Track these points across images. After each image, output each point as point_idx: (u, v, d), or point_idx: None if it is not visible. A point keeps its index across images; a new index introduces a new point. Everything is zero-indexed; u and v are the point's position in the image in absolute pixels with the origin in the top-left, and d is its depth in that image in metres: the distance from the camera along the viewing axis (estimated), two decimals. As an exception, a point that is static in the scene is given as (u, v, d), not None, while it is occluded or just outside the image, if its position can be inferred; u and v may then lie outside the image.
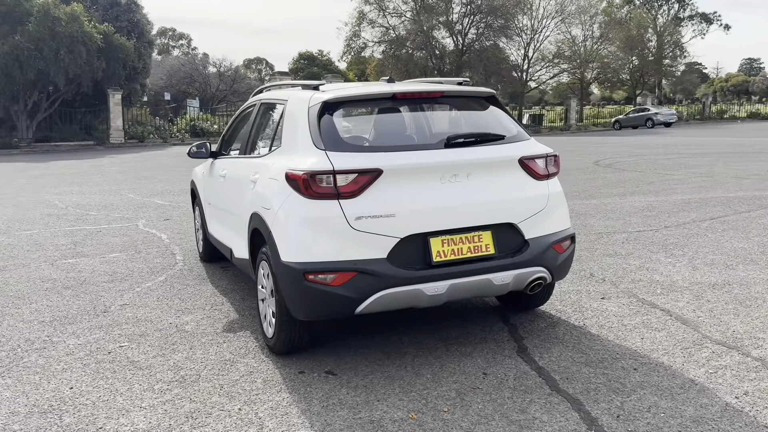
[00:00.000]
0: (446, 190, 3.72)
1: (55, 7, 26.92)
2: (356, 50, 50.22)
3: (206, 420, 3.22)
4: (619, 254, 6.41)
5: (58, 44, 26.49)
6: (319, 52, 70.44)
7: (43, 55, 26.28)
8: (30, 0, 27.04)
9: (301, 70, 65.07)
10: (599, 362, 3.79)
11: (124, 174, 16.98)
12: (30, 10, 26.67)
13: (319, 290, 3.51)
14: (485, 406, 3.29)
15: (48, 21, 26.48)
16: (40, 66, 26.37)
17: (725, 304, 4.78)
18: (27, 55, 25.95)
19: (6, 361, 4.06)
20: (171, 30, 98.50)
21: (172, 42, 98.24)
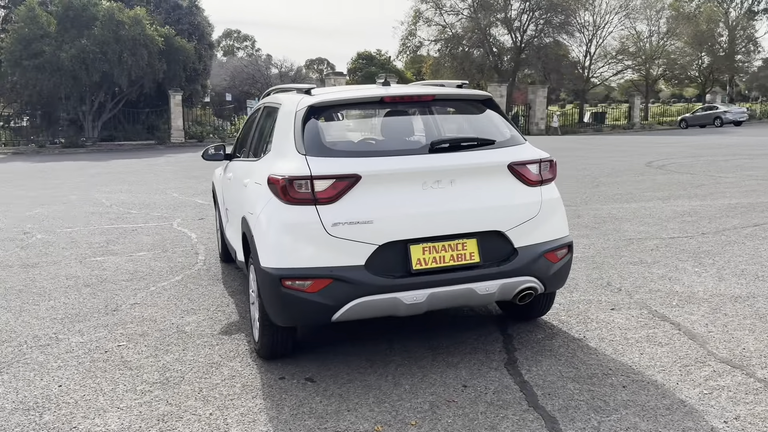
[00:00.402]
0: (428, 196, 3.63)
1: (119, 12, 27.98)
2: (412, 49, 50.14)
3: (176, 424, 3.25)
4: (645, 262, 6.13)
5: (121, 47, 27.52)
6: (378, 52, 70.63)
7: (108, 58, 27.37)
8: (96, 5, 28.19)
9: (360, 70, 65.42)
10: (588, 378, 3.63)
11: (175, 173, 17.47)
12: (96, 14, 27.81)
13: (296, 296, 3.49)
14: (455, 420, 3.19)
15: (112, 25, 27.55)
16: (104, 68, 27.47)
17: (743, 318, 4.50)
18: (92, 57, 27.08)
19: (9, 357, 4.22)
20: (236, 32, 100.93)
21: (236, 44, 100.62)
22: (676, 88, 74.83)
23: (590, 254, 6.52)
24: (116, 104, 30.90)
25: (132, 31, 27.76)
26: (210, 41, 36.01)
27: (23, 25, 27.46)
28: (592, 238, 7.28)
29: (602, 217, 8.60)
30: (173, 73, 30.71)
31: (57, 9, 28.00)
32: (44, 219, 9.90)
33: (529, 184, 3.88)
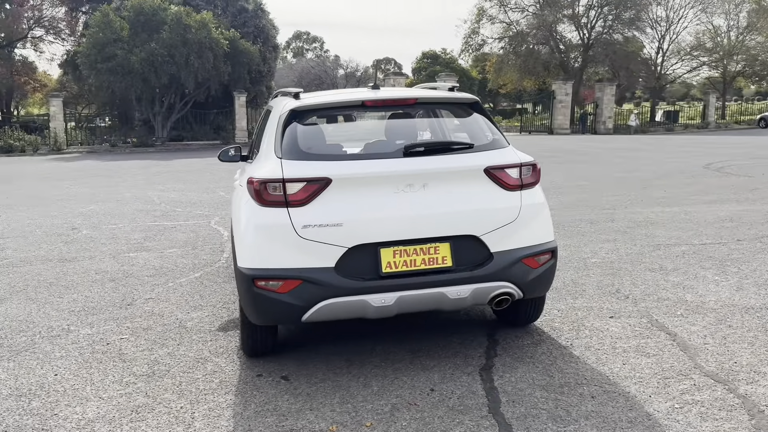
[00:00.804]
0: (400, 200, 3.65)
1: (186, 16, 29.03)
2: (474, 47, 49.68)
3: (146, 415, 3.41)
4: (664, 269, 5.92)
5: (188, 50, 28.56)
6: (443, 51, 70.34)
7: (175, 61, 28.45)
8: (165, 10, 29.35)
9: (424, 69, 65.36)
10: (560, 387, 3.56)
11: (230, 173, 17.96)
12: (165, 19, 28.96)
13: (267, 297, 3.59)
14: (410, 423, 3.21)
15: (180, 29, 28.62)
16: (172, 71, 28.57)
17: (747, 330, 4.30)
18: (161, 60, 28.22)
19: (21, 345, 4.51)
20: (305, 33, 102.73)
21: (306, 45, 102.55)
22: (758, 85, 71.03)
23: (610, 260, 6.34)
24: (184, 105, 32.09)
25: (198, 34, 28.76)
26: (275, 43, 36.81)
27: (98, 30, 28.92)
28: (618, 243, 7.08)
29: (637, 222, 8.33)
30: (238, 75, 31.62)
31: (129, 14, 29.33)
32: (95, 215, 10.43)
33: (507, 189, 3.84)
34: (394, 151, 3.83)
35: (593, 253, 6.68)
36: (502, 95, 66.28)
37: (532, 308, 4.35)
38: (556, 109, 39.96)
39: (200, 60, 28.98)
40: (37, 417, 3.42)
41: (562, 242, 7.16)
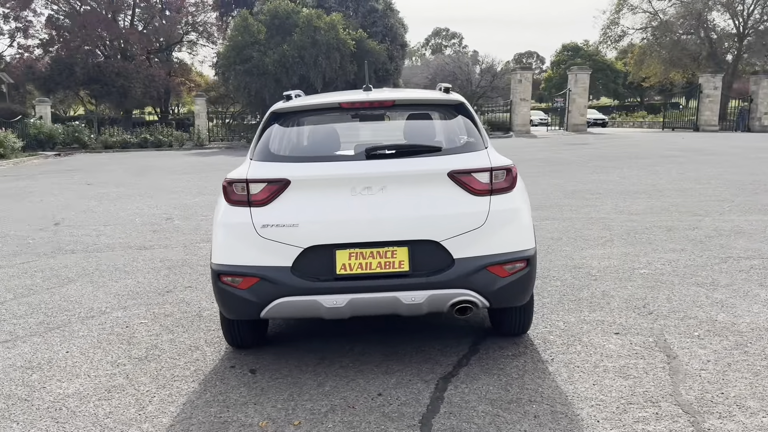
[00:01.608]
0: (357, 202, 3.66)
1: (317, 19, 30.24)
2: (613, 39, 47.05)
3: (114, 395, 3.70)
4: (715, 284, 5.39)
5: (317, 51, 29.74)
6: (585, 42, 67.34)
7: (305, 62, 29.76)
8: (298, 13, 30.76)
9: (563, 62, 62.99)
10: (508, 402, 3.41)
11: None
12: (297, 21, 30.36)
13: (230, 292, 3.75)
14: (336, 426, 3.23)
15: (310, 31, 29.88)
16: (302, 71, 29.93)
17: (761, 359, 3.83)
18: (291, 62, 29.64)
19: (56, 324, 5.04)
20: (444, 30, 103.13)
21: (444, 41, 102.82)
22: None
23: (661, 272, 5.87)
24: (313, 103, 33.51)
25: (327, 36, 29.85)
26: (403, 42, 37.25)
27: (237, 34, 30.95)
28: (683, 254, 6.51)
29: (721, 231, 7.58)
30: (364, 74, 32.40)
31: (266, 18, 31.08)
32: (195, 207, 11.25)
33: (474, 194, 3.71)
34: (357, 153, 3.84)
35: (648, 263, 6.20)
36: (650, 89, 62.19)
37: (519, 319, 4.17)
38: (702, 104, 36.95)
39: (328, 60, 30.07)
40: (28, 388, 3.83)
41: (620, 250, 6.72)
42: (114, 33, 40.21)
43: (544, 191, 11.61)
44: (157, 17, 43.16)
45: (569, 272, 5.96)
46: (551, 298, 5.19)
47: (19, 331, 4.87)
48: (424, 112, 4.21)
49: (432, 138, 4.00)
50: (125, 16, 42.81)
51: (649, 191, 11.10)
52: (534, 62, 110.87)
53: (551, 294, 5.29)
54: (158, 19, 43.29)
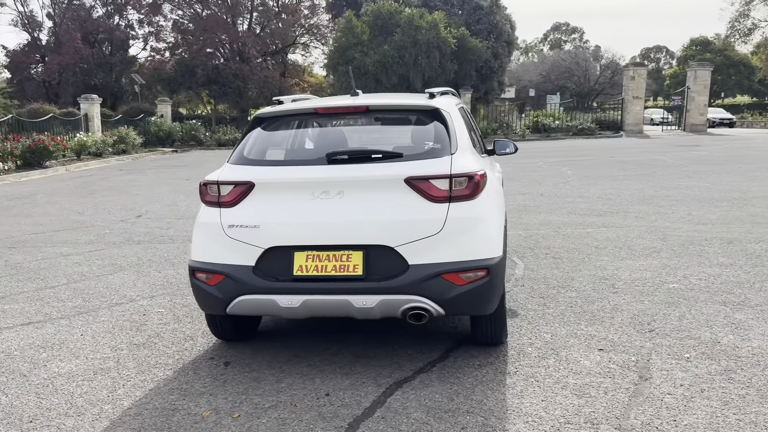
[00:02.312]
0: (316, 206, 3.76)
1: (419, 18, 30.42)
2: (743, 32, 43.48)
3: (97, 377, 4.04)
4: (741, 303, 4.99)
5: (417, 51, 29.93)
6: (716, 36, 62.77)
7: (404, 62, 30.04)
8: (400, 13, 31.08)
9: (692, 57, 59.11)
10: (445, 412, 3.38)
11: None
12: (399, 21, 30.69)
13: (201, 288, 3.98)
14: (269, 422, 3.36)
15: (411, 30, 30.10)
16: (401, 71, 30.24)
17: (742, 388, 3.54)
18: (391, 62, 30.03)
19: (87, 308, 5.51)
20: (564, 25, 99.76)
21: (564, 36, 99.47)
22: None
23: (692, 287, 5.49)
24: (414, 102, 33.73)
25: (427, 35, 29.95)
26: (509, 39, 36.57)
27: (341, 35, 31.77)
28: (732, 269, 6.05)
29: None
30: (464, 73, 32.22)
31: (369, 19, 31.67)
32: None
33: (432, 200, 3.69)
34: (318, 158, 3.93)
35: (683, 277, 5.81)
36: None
37: (489, 328, 4.09)
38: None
39: (428, 59, 30.17)
40: (31, 366, 4.26)
41: (661, 262, 6.34)
42: (232, 36, 42.49)
43: (618, 196, 11.08)
44: (273, 20, 45.13)
45: (591, 283, 5.71)
46: (555, 309, 5.02)
47: (53, 313, 5.39)
48: (399, 117, 4.22)
49: (398, 143, 4.01)
50: (243, 20, 45.10)
51: (734, 199, 10.29)
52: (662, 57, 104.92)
53: (558, 305, 5.11)
54: (274, 22, 45.25)
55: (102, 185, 15.66)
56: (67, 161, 21.89)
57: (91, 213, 11.03)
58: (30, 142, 19.69)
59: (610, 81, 61.19)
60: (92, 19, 45.09)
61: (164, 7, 44.05)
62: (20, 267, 7.06)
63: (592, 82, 64.52)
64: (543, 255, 6.87)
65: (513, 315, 4.91)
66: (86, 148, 23.56)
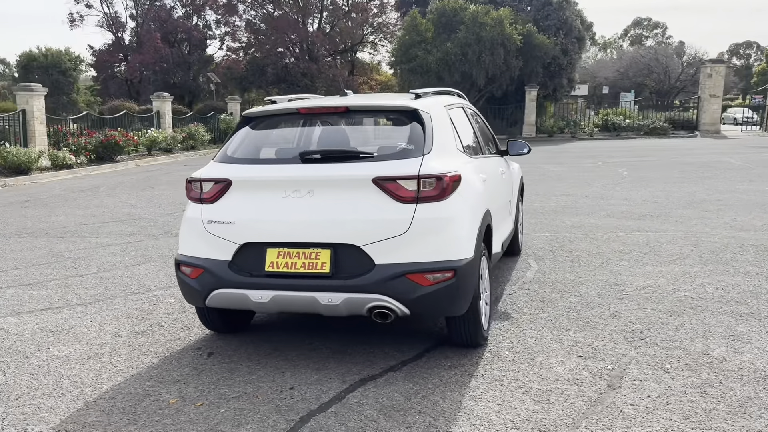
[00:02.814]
0: (287, 204, 3.85)
1: (483, 15, 30.06)
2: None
3: (89, 362, 4.28)
4: (749, 315, 4.75)
5: (480, 48, 29.60)
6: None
7: (467, 59, 29.77)
8: (465, 10, 30.82)
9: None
10: (397, 411, 3.41)
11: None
12: (463, 18, 30.45)
13: (184, 280, 4.15)
14: (227, 411, 3.48)
15: (475, 27, 29.80)
16: (463, 69, 29.98)
17: (711, 402, 3.37)
18: (454, 59, 29.81)
19: (105, 297, 5.81)
20: (646, 20, 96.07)
21: (645, 32, 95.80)
22: None
23: (707, 295, 5.28)
24: (477, 101, 33.32)
25: (492, 31, 29.55)
26: (579, 35, 35.54)
27: (405, 33, 31.81)
28: (756, 278, 5.78)
29: (831, 254, 6.50)
30: (530, 70, 31.60)
31: (433, 16, 31.57)
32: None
33: (399, 201, 3.72)
34: (293, 157, 4.01)
35: (699, 285, 5.57)
36: None
37: (463, 329, 4.07)
38: None
39: (491, 56, 29.77)
40: (36, 348, 4.56)
41: (682, 269, 6.10)
42: (302, 36, 43.30)
43: (666, 199, 10.66)
44: (342, 19, 45.68)
45: (599, 289, 5.55)
46: (551, 313, 4.92)
47: (74, 299, 5.73)
48: (379, 118, 4.26)
49: (375, 144, 4.04)
50: (313, 20, 45.88)
51: (789, 204, 9.71)
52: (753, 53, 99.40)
53: (555, 309, 5.01)
54: (343, 21, 45.79)
55: (162, 180, 16.35)
56: (138, 156, 22.94)
57: (144, 206, 11.55)
58: (102, 137, 20.78)
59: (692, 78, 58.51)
60: (172, 20, 46.95)
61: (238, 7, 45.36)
62: (60, 255, 7.52)
63: (672, 80, 61.93)
64: (562, 258, 6.72)
65: (505, 317, 4.85)
66: (156, 144, 24.60)
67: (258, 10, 45.19)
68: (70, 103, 40.11)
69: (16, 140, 18.15)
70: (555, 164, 18.02)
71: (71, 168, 18.41)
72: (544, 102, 35.08)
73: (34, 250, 7.81)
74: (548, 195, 11.64)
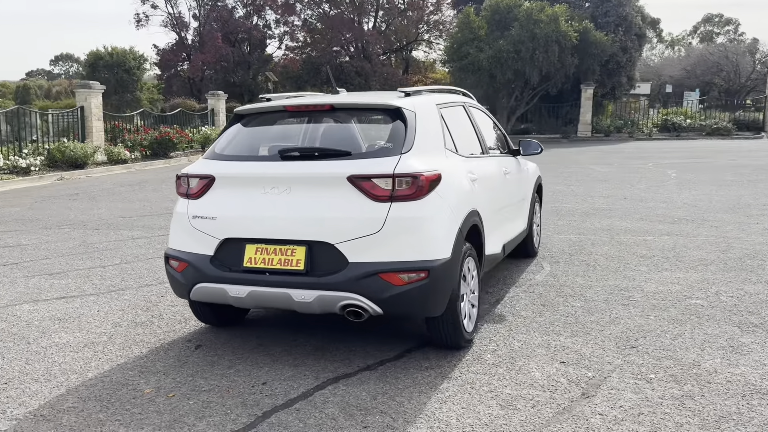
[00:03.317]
0: (266, 201, 3.88)
1: (538, 12, 29.48)
2: None
3: (84, 350, 4.43)
4: (758, 326, 4.52)
5: (534, 45, 29.03)
6: None
7: (520, 56, 29.24)
8: (519, 6, 30.31)
9: None
10: (359, 410, 3.40)
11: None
12: (517, 15, 29.94)
13: (171, 273, 4.25)
14: (196, 402, 3.54)
15: (530, 24, 29.25)
16: (516, 66, 29.47)
17: (685, 416, 3.22)
18: (506, 57, 29.33)
19: (120, 287, 6.00)
20: (717, 16, 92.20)
21: (716, 29, 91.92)
22: None
23: (719, 304, 5.04)
24: (531, 99, 32.74)
25: (546, 28, 28.95)
26: (639, 32, 34.40)
27: (458, 31, 31.55)
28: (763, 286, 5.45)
29: None
30: (586, 67, 30.76)
31: (487, 14, 31.18)
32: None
33: (374, 199, 3.69)
34: (273, 154, 4.04)
35: (714, 294, 5.33)
36: None
37: (442, 330, 4.01)
38: None
39: (545, 54, 29.16)
40: (40, 335, 4.75)
41: (702, 276, 5.84)
42: (357, 35, 43.58)
43: (709, 202, 10.22)
44: (397, 17, 45.71)
45: (607, 294, 5.37)
46: (548, 317, 4.80)
47: (89, 289, 5.94)
48: (363, 116, 4.23)
49: (354, 141, 4.03)
50: (369, 19, 46.09)
51: (841, 210, 9.14)
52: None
53: (554, 314, 4.88)
54: (399, 20, 45.81)
55: (208, 175, 16.74)
56: (191, 153, 23.57)
57: (182, 201, 11.87)
58: (157, 134, 21.48)
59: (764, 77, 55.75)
60: (233, 20, 48.04)
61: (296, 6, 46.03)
62: (90, 247, 7.81)
63: (743, 79, 59.24)
64: (578, 262, 6.53)
65: (499, 320, 4.76)
66: (210, 141, 25.25)
67: (314, 9, 45.73)
68: (134, 100, 41.58)
69: (74, 135, 18.96)
70: (603, 165, 17.53)
71: (126, 163, 19.09)
72: (602, 101, 34.13)
73: (68, 241, 8.14)
74: (586, 196, 11.34)
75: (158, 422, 3.33)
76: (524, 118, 34.09)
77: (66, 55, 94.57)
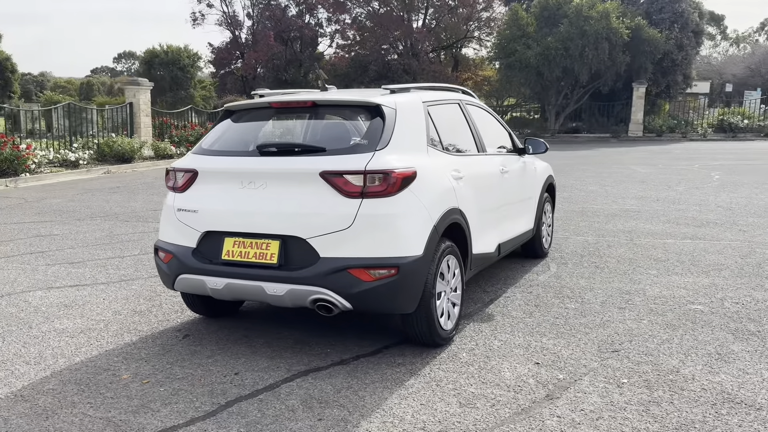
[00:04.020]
0: (243, 195, 3.96)
1: (588, 8, 28.85)
2: None
3: (80, 335, 4.61)
4: (754, 334, 4.33)
5: (584, 42, 28.43)
6: None
7: (569, 53, 28.69)
8: (569, 3, 29.72)
9: None
10: (319, 403, 3.44)
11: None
12: (566, 12, 29.38)
13: (158, 264, 4.38)
14: (166, 389, 3.65)
15: (579, 21, 28.66)
16: (565, 64, 28.93)
17: (651, 424, 3.13)
18: (555, 54, 28.82)
19: (130, 277, 6.22)
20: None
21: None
22: None
23: (720, 311, 4.88)
24: (580, 98, 32.05)
25: (597, 25, 28.30)
26: (696, 28, 33.22)
27: (506, 28, 31.18)
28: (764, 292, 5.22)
29: None
30: (638, 65, 29.91)
31: (536, 10, 30.72)
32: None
33: (345, 195, 3.72)
34: (252, 150, 4.11)
35: (719, 300, 5.14)
36: None
37: (416, 327, 4.01)
38: None
39: (595, 51, 28.51)
40: (43, 319, 4.97)
41: (712, 281, 5.64)
42: (406, 32, 43.55)
43: (746, 206, 9.83)
44: (447, 15, 45.46)
45: (605, 297, 5.26)
46: (538, 318, 4.73)
47: (102, 278, 6.17)
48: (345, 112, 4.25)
49: (332, 137, 4.06)
50: (418, 17, 45.99)
51: None
52: None
53: (545, 315, 4.81)
54: (448, 17, 45.55)
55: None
56: (236, 148, 24.12)
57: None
58: (203, 130, 22.03)
59: (836, 76, 53.07)
60: (286, 18, 48.75)
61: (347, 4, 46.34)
62: (115, 238, 8.10)
63: (811, 77, 56.48)
64: (587, 263, 6.40)
65: (487, 319, 4.72)
66: (255, 137, 25.75)
67: (364, 7, 45.94)
68: (188, 97, 42.65)
69: (123, 131, 19.64)
70: (647, 166, 17.05)
71: (171, 158, 19.62)
72: (656, 100, 33.16)
73: (96, 232, 8.46)
74: (618, 197, 11.07)
75: (126, 406, 3.45)
76: (574, 116, 33.42)
77: (128, 53, 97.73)
